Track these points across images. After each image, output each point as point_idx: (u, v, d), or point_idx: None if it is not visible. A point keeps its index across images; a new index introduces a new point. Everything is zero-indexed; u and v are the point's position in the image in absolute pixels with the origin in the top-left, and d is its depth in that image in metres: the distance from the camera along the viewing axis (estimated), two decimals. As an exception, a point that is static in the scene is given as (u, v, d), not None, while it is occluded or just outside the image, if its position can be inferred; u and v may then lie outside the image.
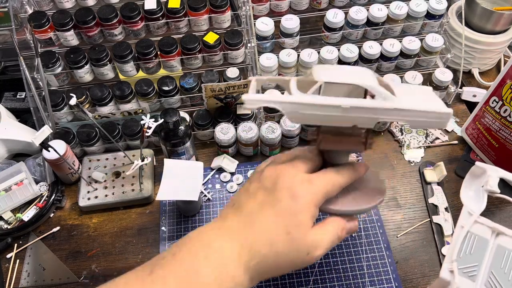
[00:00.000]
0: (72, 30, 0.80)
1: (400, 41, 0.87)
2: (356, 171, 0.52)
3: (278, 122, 0.82)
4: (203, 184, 0.80)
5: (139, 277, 0.43)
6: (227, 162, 0.82)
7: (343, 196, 0.53)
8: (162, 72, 0.86)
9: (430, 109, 0.48)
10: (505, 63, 0.99)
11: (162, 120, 0.71)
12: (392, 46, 0.86)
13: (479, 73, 0.97)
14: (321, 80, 0.46)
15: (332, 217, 0.50)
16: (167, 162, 0.72)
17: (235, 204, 0.49)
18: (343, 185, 0.50)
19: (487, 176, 0.56)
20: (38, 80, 0.79)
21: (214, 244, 0.45)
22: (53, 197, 0.76)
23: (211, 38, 0.82)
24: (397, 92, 0.49)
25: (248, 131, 0.79)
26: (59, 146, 0.73)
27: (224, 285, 0.43)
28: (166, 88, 0.82)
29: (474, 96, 0.92)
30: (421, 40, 0.88)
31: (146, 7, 0.80)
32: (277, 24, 0.86)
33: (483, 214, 0.54)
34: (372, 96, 0.49)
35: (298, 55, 0.85)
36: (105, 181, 0.78)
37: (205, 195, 0.79)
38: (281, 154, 0.55)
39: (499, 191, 0.55)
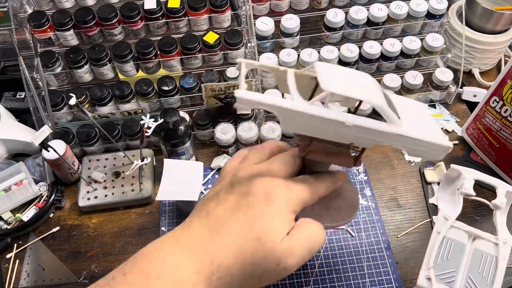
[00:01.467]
0: (72, 30, 0.80)
1: (401, 41, 0.87)
2: (335, 182, 0.47)
3: (278, 122, 0.82)
4: (203, 184, 0.80)
5: None
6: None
7: (316, 209, 0.48)
8: (162, 72, 0.86)
9: (435, 140, 0.44)
10: (505, 63, 0.99)
11: (162, 120, 0.71)
12: (392, 46, 0.86)
13: (480, 73, 0.97)
14: (328, 91, 0.40)
15: (304, 221, 0.43)
16: (167, 162, 0.72)
17: (202, 210, 0.43)
18: (322, 194, 0.45)
19: (462, 179, 0.56)
20: (37, 80, 0.79)
21: (169, 259, 0.39)
22: (52, 197, 0.76)
23: (211, 38, 0.82)
24: (398, 109, 0.45)
25: (248, 131, 0.79)
26: (59, 146, 0.73)
27: None
28: (166, 88, 0.82)
29: (475, 96, 0.92)
30: (422, 40, 0.88)
31: (146, 7, 0.80)
32: (277, 24, 0.86)
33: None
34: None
35: (298, 55, 0.85)
36: (104, 181, 0.78)
37: (205, 195, 0.79)
38: (252, 149, 0.49)
39: (474, 193, 0.55)
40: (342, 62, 0.87)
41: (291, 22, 0.85)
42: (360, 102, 0.45)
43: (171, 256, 0.39)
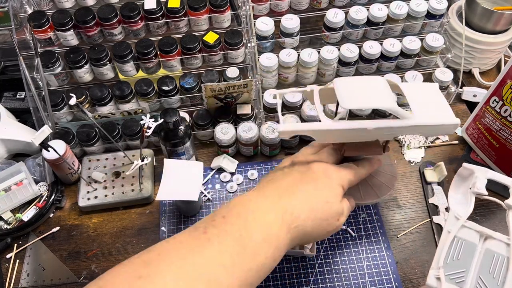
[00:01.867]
0: (72, 30, 0.80)
1: (401, 41, 0.87)
2: (372, 166, 0.61)
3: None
4: (203, 184, 0.80)
5: (194, 236, 0.46)
6: (227, 162, 0.82)
7: (362, 190, 0.66)
8: (162, 72, 0.86)
9: (442, 122, 0.56)
10: (505, 63, 0.99)
11: (162, 120, 0.71)
12: (392, 46, 0.86)
13: (480, 73, 0.97)
14: (347, 108, 0.53)
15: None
16: (167, 162, 0.72)
17: (271, 179, 0.55)
18: (363, 176, 0.59)
19: (474, 178, 0.55)
20: (37, 80, 0.79)
21: (260, 208, 0.50)
22: (52, 197, 0.76)
23: (211, 38, 0.82)
24: (409, 98, 0.56)
25: (248, 131, 0.79)
26: (59, 146, 0.73)
27: (271, 244, 0.48)
28: (166, 88, 0.82)
29: (475, 96, 0.92)
30: (422, 40, 0.88)
31: (146, 7, 0.80)
32: (277, 24, 0.86)
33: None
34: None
35: (298, 55, 0.85)
36: (104, 181, 0.78)
37: (205, 195, 0.79)
38: (304, 147, 0.62)
39: (486, 193, 0.54)
40: (342, 62, 0.87)
41: (291, 22, 0.85)
42: None
43: (260, 207, 0.50)
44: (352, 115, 0.83)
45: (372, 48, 0.86)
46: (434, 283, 0.51)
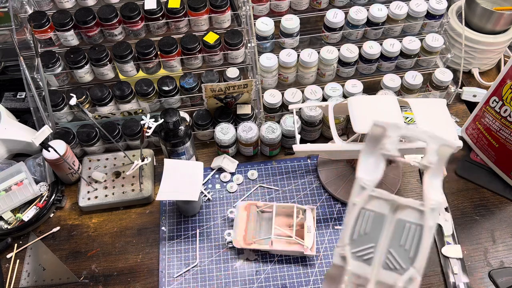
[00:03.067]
0: (72, 30, 0.80)
1: (400, 41, 0.87)
2: None
3: (278, 122, 0.82)
4: (203, 184, 0.80)
5: None
6: (227, 162, 0.82)
7: None
8: (162, 72, 0.86)
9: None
10: (505, 63, 0.99)
11: (162, 120, 0.71)
12: (392, 46, 0.86)
13: (479, 73, 0.97)
14: (360, 132, 0.58)
15: None
16: (167, 162, 0.72)
17: None
18: None
19: (386, 138, 0.46)
20: (38, 80, 0.79)
21: None
22: (53, 197, 0.76)
23: (211, 38, 0.82)
24: (416, 118, 0.62)
25: (248, 131, 0.79)
26: (59, 146, 0.73)
27: None
28: (166, 88, 0.82)
29: (474, 96, 0.92)
30: (421, 40, 0.88)
31: (146, 7, 0.80)
32: (277, 24, 0.86)
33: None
34: None
35: (298, 55, 0.85)
36: (105, 181, 0.78)
37: (205, 195, 0.79)
38: None
39: (398, 154, 0.46)
40: (342, 62, 0.87)
41: (291, 22, 0.85)
42: None
43: None
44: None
45: (372, 48, 0.86)
46: (340, 262, 0.45)
